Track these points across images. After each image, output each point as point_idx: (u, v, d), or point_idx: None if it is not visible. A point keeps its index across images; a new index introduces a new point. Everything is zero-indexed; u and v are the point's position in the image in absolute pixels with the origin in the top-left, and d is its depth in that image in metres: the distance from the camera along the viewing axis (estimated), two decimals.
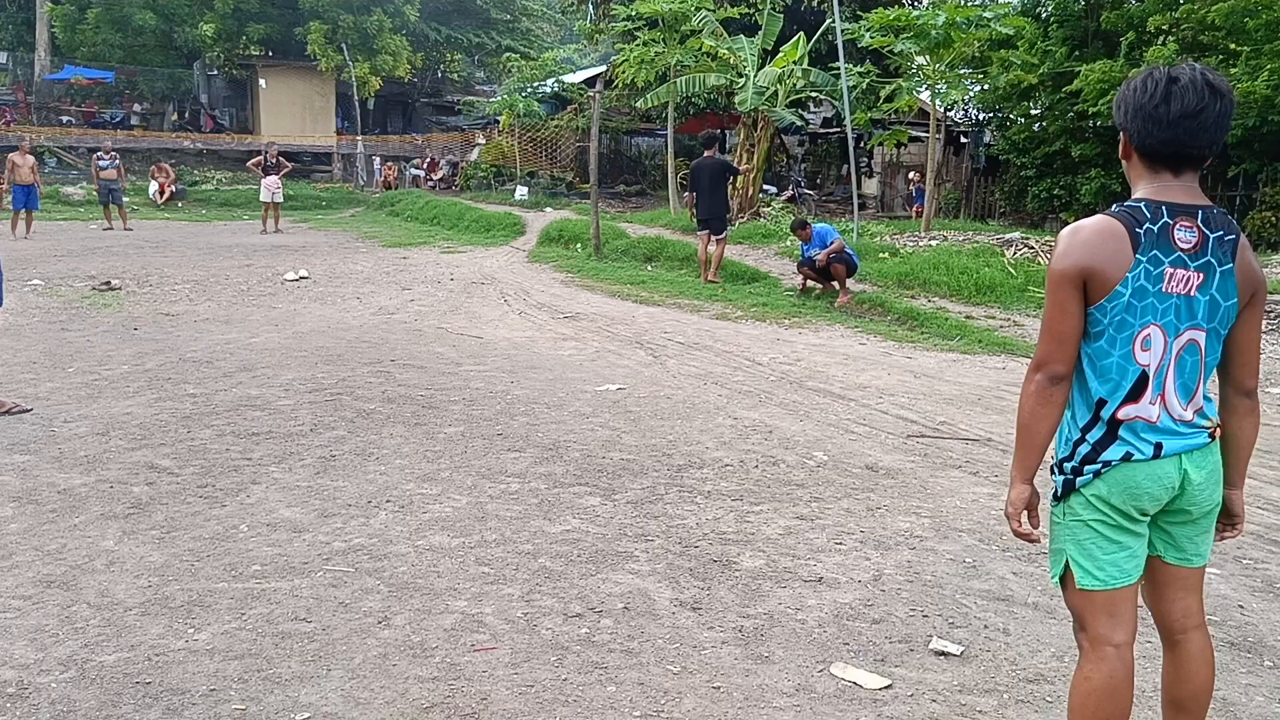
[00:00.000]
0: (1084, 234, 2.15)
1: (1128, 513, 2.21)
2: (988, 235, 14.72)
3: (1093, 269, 2.11)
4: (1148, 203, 2.14)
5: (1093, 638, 2.26)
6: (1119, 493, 2.19)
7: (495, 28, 42.29)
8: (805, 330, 10.16)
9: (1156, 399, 2.16)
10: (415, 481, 4.93)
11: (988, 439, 5.99)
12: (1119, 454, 2.17)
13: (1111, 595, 2.24)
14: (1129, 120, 2.17)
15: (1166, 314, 2.13)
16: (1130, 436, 2.17)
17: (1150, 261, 2.10)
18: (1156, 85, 2.12)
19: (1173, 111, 2.09)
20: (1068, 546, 2.27)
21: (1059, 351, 2.18)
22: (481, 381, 7.32)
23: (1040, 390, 2.20)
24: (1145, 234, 2.10)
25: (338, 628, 3.34)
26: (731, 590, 3.71)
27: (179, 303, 11.10)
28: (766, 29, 18.05)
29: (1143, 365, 2.15)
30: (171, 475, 4.96)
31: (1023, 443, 2.26)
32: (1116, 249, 2.10)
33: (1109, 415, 2.17)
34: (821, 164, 29.27)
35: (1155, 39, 16.51)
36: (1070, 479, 2.23)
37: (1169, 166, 2.16)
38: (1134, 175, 2.24)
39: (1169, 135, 2.11)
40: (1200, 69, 2.13)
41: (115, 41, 33.60)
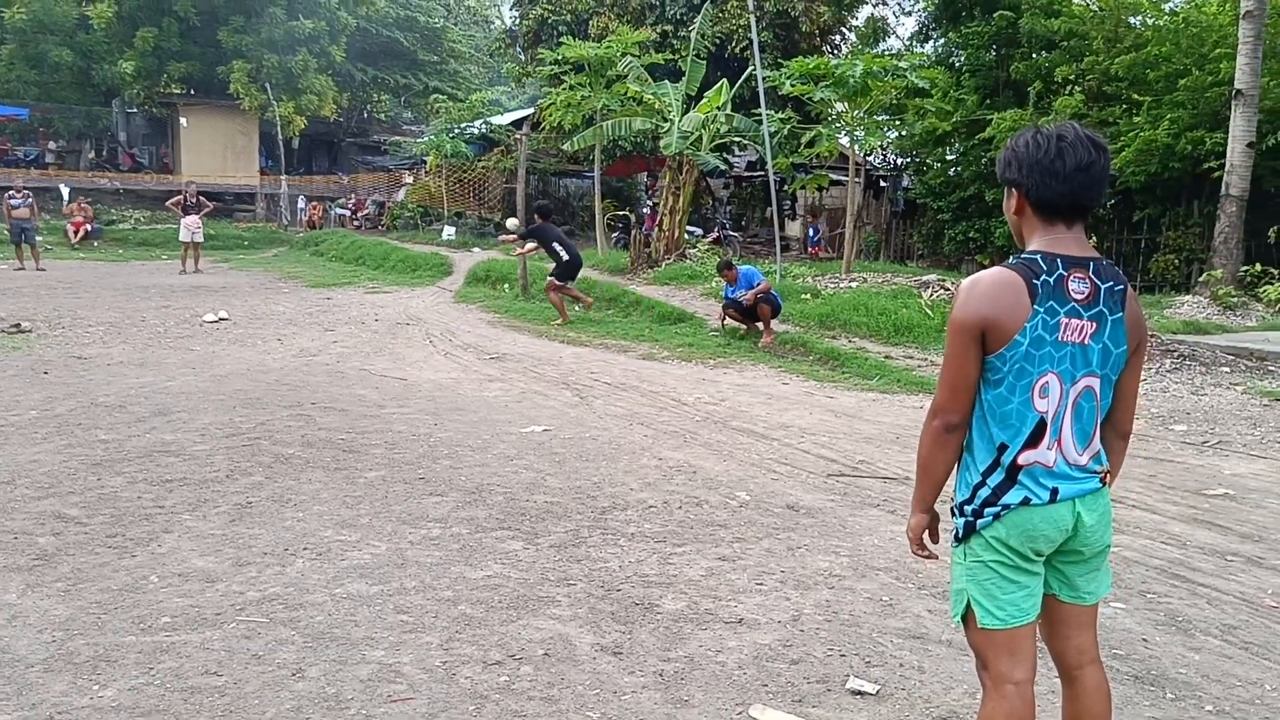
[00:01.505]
0: (983, 285, 2.23)
1: (1024, 554, 2.29)
2: (906, 277, 15.09)
3: (991, 319, 2.19)
4: (1043, 255, 2.23)
5: (994, 675, 2.33)
6: (1016, 535, 2.27)
7: (423, 69, 42.34)
8: (730, 370, 10.27)
9: (1054, 444, 2.25)
10: (334, 528, 4.85)
11: (905, 477, 6.11)
12: (1018, 498, 2.25)
13: (1011, 634, 2.31)
14: (1024, 175, 2.26)
15: (1063, 362, 2.22)
16: (1029, 481, 2.25)
17: (1047, 312, 2.19)
18: (1049, 141, 2.22)
19: (1068, 165, 2.20)
20: (969, 587, 2.34)
21: (954, 400, 2.28)
22: (404, 424, 7.25)
23: (936, 436, 2.31)
24: (1042, 285, 2.19)
25: (250, 681, 3.26)
26: (653, 634, 3.72)
27: (92, 345, 10.80)
28: (690, 75, 18.38)
29: (1041, 412, 2.23)
30: (79, 525, 4.80)
31: (921, 480, 2.39)
32: (1015, 300, 2.18)
33: (1009, 460, 2.25)
34: (746, 206, 29.76)
35: (1063, 89, 17.22)
36: (971, 521, 2.31)
37: (1063, 218, 2.26)
38: (1026, 229, 2.33)
39: (1065, 188, 2.21)
40: (1080, 128, 2.25)
41: (30, 78, 32.84)
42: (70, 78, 33.98)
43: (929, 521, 2.44)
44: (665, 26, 23.50)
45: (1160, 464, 6.57)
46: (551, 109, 19.99)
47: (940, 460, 2.32)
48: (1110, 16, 16.80)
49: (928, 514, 2.43)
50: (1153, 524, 5.23)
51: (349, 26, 36.48)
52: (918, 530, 2.45)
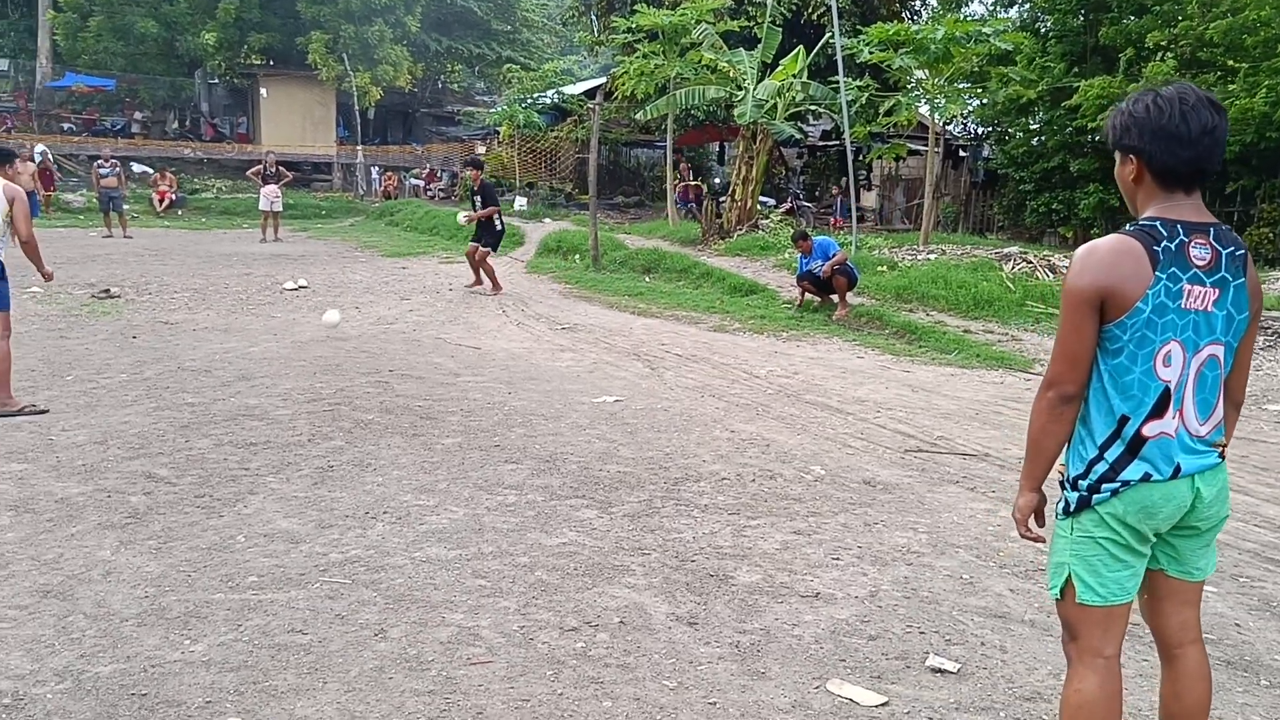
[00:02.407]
0: (1101, 253, 2.16)
1: (1140, 532, 2.24)
2: (986, 249, 14.76)
3: (1111, 288, 2.13)
4: (1162, 221, 2.16)
5: (1085, 649, 2.29)
6: (1134, 512, 2.21)
7: (496, 39, 42.41)
8: (803, 343, 10.17)
9: (1176, 414, 2.19)
10: (412, 493, 4.93)
11: (985, 454, 5.99)
12: (1138, 474, 2.19)
13: (1109, 610, 2.27)
14: (1146, 142, 2.17)
15: (1185, 330, 2.16)
16: (1152, 454, 2.19)
17: (1169, 278, 2.12)
18: (1171, 105, 2.14)
19: (1193, 130, 2.12)
20: (1072, 561, 2.28)
21: (1071, 372, 2.20)
22: (479, 392, 7.32)
23: (1051, 408, 2.23)
24: (1163, 251, 2.13)
25: (334, 640, 3.34)
26: (728, 605, 3.71)
27: (178, 311, 11.11)
28: (766, 43, 18.11)
29: (1165, 381, 2.17)
30: (169, 485, 4.95)
31: (1032, 456, 2.29)
32: (1135, 267, 2.12)
33: (1132, 432, 2.19)
34: (820, 176, 29.33)
35: (1154, 55, 16.58)
36: (1086, 496, 2.24)
37: (1183, 185, 2.19)
38: (1142, 197, 2.25)
39: (1190, 154, 2.14)
40: (1195, 89, 2.16)
41: (117, 49, 33.66)
42: (155, 49, 34.80)
43: (1038, 502, 2.33)
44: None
45: (1253, 444, 6.34)
46: (625, 78, 19.87)
47: (1055, 434, 2.25)
48: None
49: (1038, 493, 2.33)
50: (1246, 506, 5.05)
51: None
52: (1026, 510, 2.33)
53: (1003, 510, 4.94)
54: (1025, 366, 8.91)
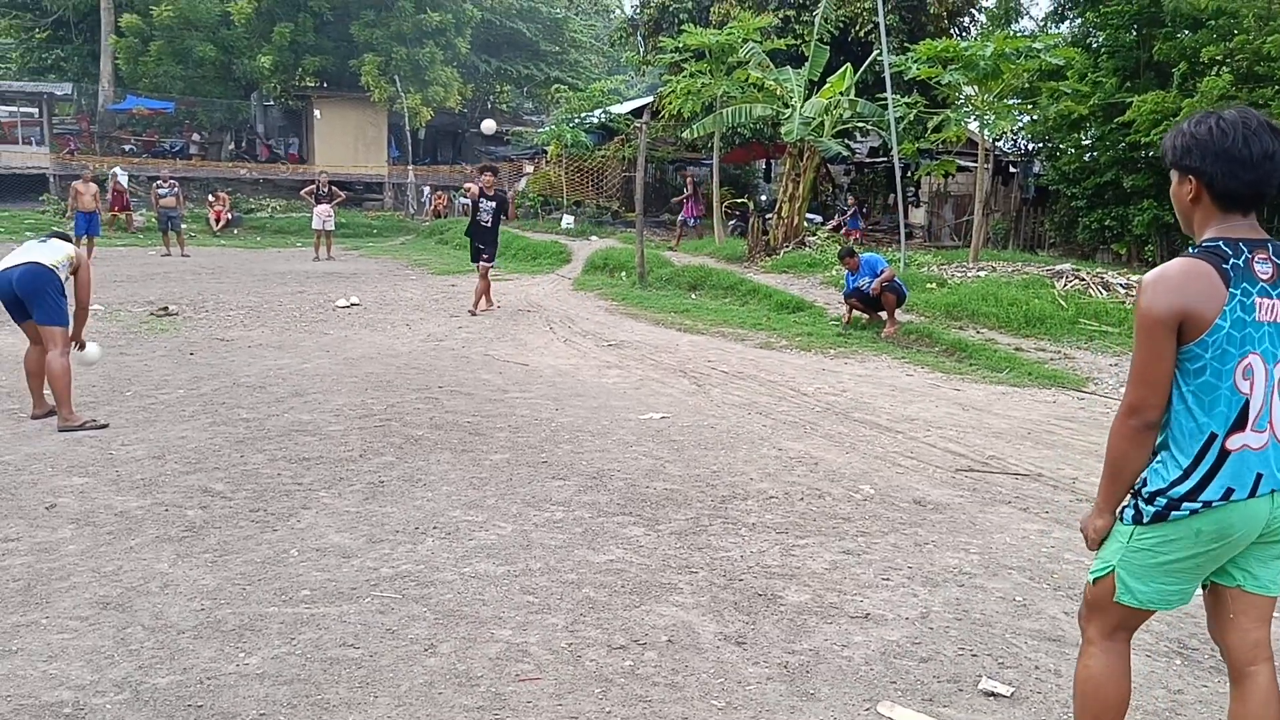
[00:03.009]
0: (1173, 277, 2.20)
1: (1211, 552, 2.26)
2: (1037, 266, 14.56)
3: (1188, 310, 2.16)
4: (1225, 240, 2.21)
5: (1098, 630, 2.41)
6: (1212, 532, 2.23)
7: (544, 59, 42.87)
8: (851, 361, 10.10)
9: (1265, 427, 2.22)
10: (462, 508, 4.97)
11: (1038, 474, 5.91)
12: (1219, 491, 2.21)
13: (1139, 612, 2.37)
14: (1209, 164, 2.21)
15: (1263, 341, 2.20)
16: (1236, 466, 2.21)
17: (1242, 294, 2.17)
18: (1234, 129, 2.19)
19: (1255, 153, 2.17)
20: (1120, 565, 2.34)
21: (1153, 396, 2.22)
22: (527, 409, 7.37)
23: (1135, 434, 2.26)
24: (1232, 269, 2.18)
25: (385, 654, 3.37)
26: (777, 625, 3.69)
27: (233, 328, 11.32)
28: (813, 61, 18.09)
29: (1244, 394, 2.20)
30: (225, 499, 5.05)
31: (1111, 480, 2.33)
32: (1208, 287, 2.16)
33: (1219, 447, 2.21)
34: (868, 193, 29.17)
35: (1209, 69, 16.30)
36: (1162, 511, 2.25)
37: (1241, 208, 2.23)
38: (1200, 217, 2.28)
39: (1252, 177, 2.19)
40: (1256, 113, 2.21)
41: (176, 73, 34.48)
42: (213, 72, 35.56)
43: (1113, 525, 2.37)
44: (787, 11, 23.14)
45: None
46: (671, 97, 19.96)
47: (1136, 459, 2.28)
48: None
49: (1112, 516, 2.36)
50: None
51: (474, 19, 37.19)
52: (1101, 533, 2.38)
53: (1056, 531, 4.86)
54: (1078, 385, 8.77)
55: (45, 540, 4.41)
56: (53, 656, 3.31)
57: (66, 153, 31.88)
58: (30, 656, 3.30)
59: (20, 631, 3.49)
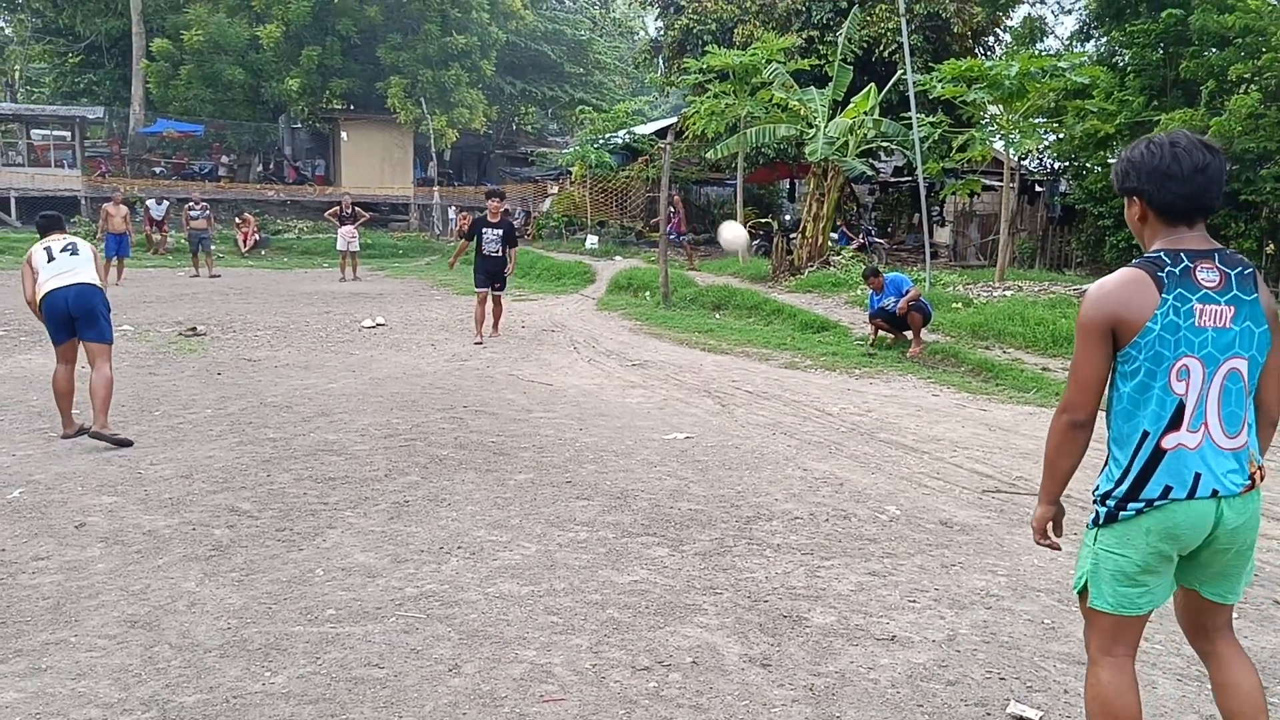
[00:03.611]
0: (1109, 286, 2.36)
1: (1161, 552, 2.37)
2: (1064, 285, 14.47)
3: (1119, 315, 2.32)
4: (1166, 251, 2.35)
5: (1098, 645, 2.49)
6: (1159, 531, 2.35)
7: (569, 81, 43.20)
8: (876, 381, 10.06)
9: (1199, 427, 2.34)
10: (486, 528, 4.97)
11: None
12: (1158, 489, 2.34)
13: (1118, 619, 2.43)
14: (1144, 182, 2.38)
15: (1204, 346, 2.31)
16: (1173, 465, 2.33)
17: (1176, 299, 2.29)
18: (1162, 148, 2.36)
19: (1185, 169, 2.32)
20: (1090, 570, 2.48)
21: (1082, 397, 2.41)
22: (551, 429, 7.38)
23: (1064, 432, 2.45)
24: (1168, 276, 2.30)
25: (409, 674, 3.37)
26: (802, 647, 3.66)
27: (260, 348, 11.43)
28: (837, 80, 18.12)
29: (1179, 395, 2.32)
30: (251, 518, 5.08)
31: (1048, 473, 2.55)
32: (1141, 293, 2.31)
33: (1153, 445, 2.35)
34: (892, 213, 29.09)
35: (1236, 88, 16.18)
36: (1113, 511, 2.42)
37: (1184, 220, 2.37)
38: (1149, 234, 2.44)
39: (1185, 190, 2.33)
40: (1190, 133, 2.37)
41: (205, 96, 35.01)
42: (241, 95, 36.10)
43: (1054, 514, 2.60)
44: (811, 32, 23.20)
45: None
46: (695, 118, 20.05)
47: (1067, 455, 2.47)
48: None
49: (1053, 506, 2.59)
50: None
51: (499, 41, 37.54)
52: (1042, 521, 2.60)
53: None
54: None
55: (74, 559, 4.45)
56: (81, 674, 3.33)
57: (98, 175, 32.38)
58: (59, 674, 3.33)
59: (50, 649, 3.52)
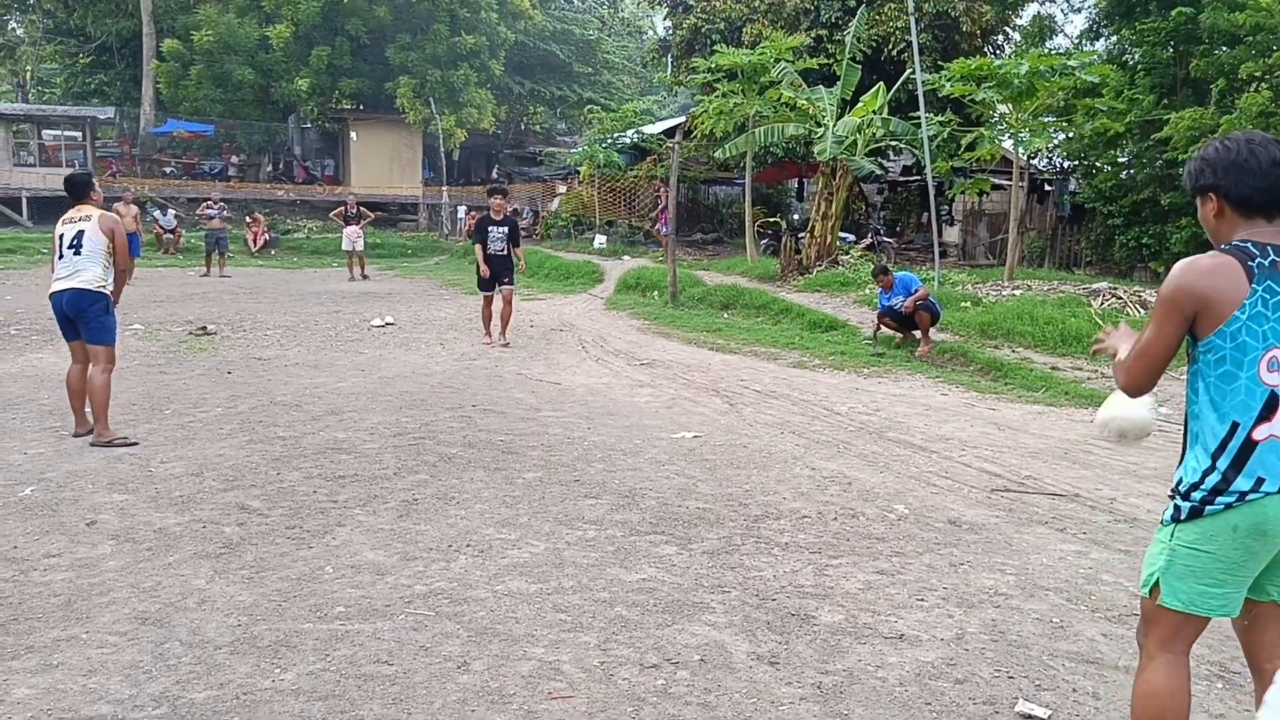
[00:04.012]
0: (1201, 265, 2.33)
1: (1249, 549, 2.30)
2: (1073, 284, 14.43)
3: (1208, 297, 2.28)
4: (1254, 242, 2.32)
5: (1155, 641, 2.44)
6: (1248, 527, 2.29)
7: (577, 81, 43.22)
8: (885, 380, 10.05)
9: None
10: (495, 526, 4.99)
11: (1075, 494, 5.83)
12: (1250, 481, 2.27)
13: (1188, 616, 2.38)
14: (1220, 177, 2.37)
15: None
16: (1265, 456, 2.28)
17: (1265, 290, 2.27)
18: (1238, 144, 2.37)
19: (1263, 162, 2.33)
20: (1163, 568, 2.40)
21: (1146, 376, 2.41)
22: (560, 428, 7.39)
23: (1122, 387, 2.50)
24: (1258, 267, 2.28)
25: (418, 671, 3.39)
26: (810, 645, 3.67)
27: (270, 347, 11.46)
28: (845, 79, 18.10)
29: (1270, 385, 2.28)
30: (261, 516, 5.10)
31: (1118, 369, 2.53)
32: (1232, 280, 2.28)
33: (1243, 437, 2.29)
34: (901, 212, 29.07)
35: (1247, 86, 16.11)
36: (1198, 506, 2.33)
37: (1263, 214, 2.35)
38: (1225, 230, 2.41)
39: (1263, 183, 2.33)
40: (1260, 133, 2.38)
41: (215, 96, 35.13)
42: (251, 95, 36.20)
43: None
44: (819, 31, 23.17)
45: None
46: (704, 117, 20.03)
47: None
48: None
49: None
50: None
51: (507, 41, 37.58)
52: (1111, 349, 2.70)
53: (1094, 552, 4.80)
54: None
55: (85, 556, 4.47)
56: (92, 671, 3.35)
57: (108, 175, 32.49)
58: (70, 670, 3.35)
59: (61, 646, 3.54)
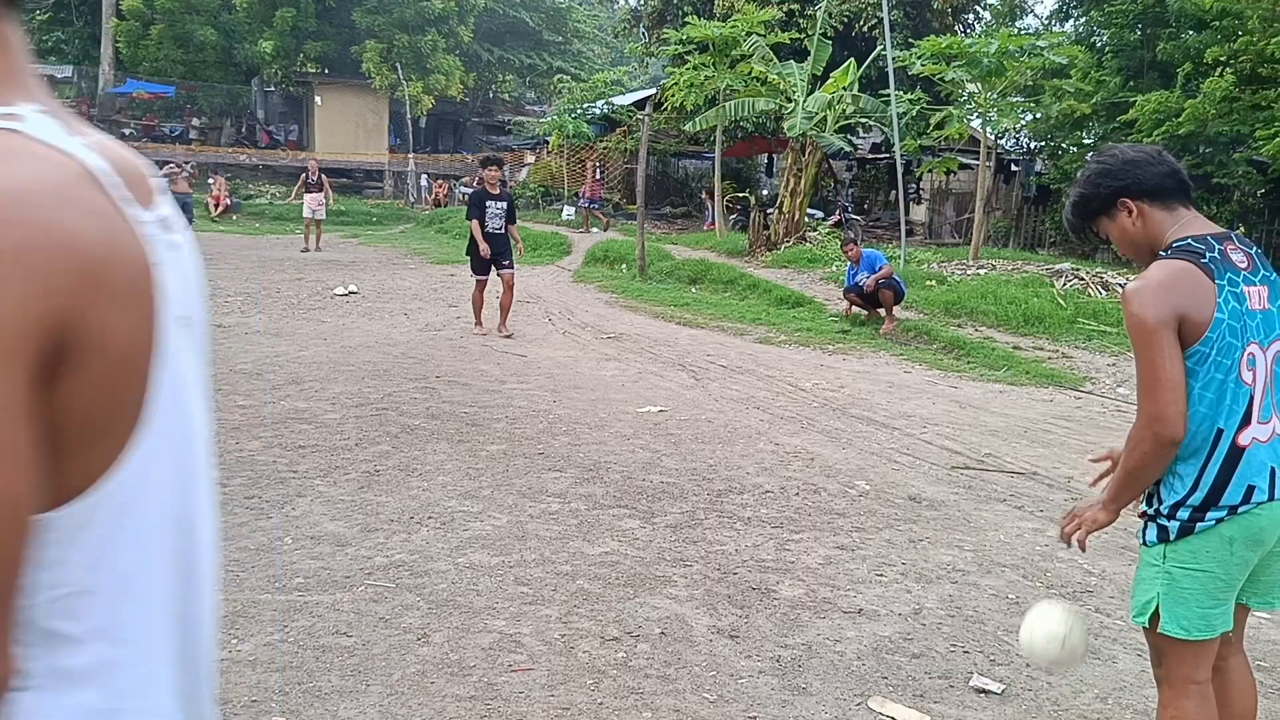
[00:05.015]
0: (1159, 280, 2.17)
1: (1246, 560, 2.19)
2: (1037, 265, 14.57)
3: (1184, 312, 2.12)
4: (1193, 237, 2.19)
5: (1176, 676, 2.27)
6: (1243, 539, 2.17)
7: (547, 49, 42.76)
8: (849, 356, 10.10)
9: (1270, 418, 2.19)
10: (457, 498, 4.97)
11: (1034, 472, 5.91)
12: (1240, 492, 2.15)
13: (1204, 645, 2.24)
14: (1124, 178, 2.27)
15: (1258, 331, 2.18)
16: (1252, 462, 2.16)
17: (1229, 284, 2.14)
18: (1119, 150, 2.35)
19: (1150, 153, 2.30)
20: (1162, 593, 2.23)
21: (1177, 406, 2.11)
22: (524, 400, 7.37)
23: (1161, 448, 2.14)
24: (1212, 262, 2.15)
25: (377, 643, 3.37)
26: (770, 619, 3.69)
27: (231, 314, 11.31)
28: (816, 55, 18.07)
29: (1250, 385, 2.16)
30: (219, 486, 5.02)
31: (1129, 486, 2.25)
32: (1195, 283, 2.13)
33: (1229, 444, 2.15)
34: (869, 189, 29.14)
35: (1212, 70, 16.29)
36: (1188, 524, 2.18)
37: (1179, 199, 2.26)
38: (1152, 231, 2.28)
39: (1165, 168, 2.27)
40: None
41: (177, 57, 34.40)
42: (213, 57, 35.46)
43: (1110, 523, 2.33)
44: (791, 5, 23.10)
45: None
46: (674, 89, 19.94)
47: (1157, 471, 2.20)
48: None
49: (1116, 516, 2.32)
50: None
51: (477, 7, 37.07)
52: (1099, 527, 2.31)
53: (1051, 529, 4.86)
54: (1076, 384, 8.78)
55: None
56: None
57: None
58: None
59: None
